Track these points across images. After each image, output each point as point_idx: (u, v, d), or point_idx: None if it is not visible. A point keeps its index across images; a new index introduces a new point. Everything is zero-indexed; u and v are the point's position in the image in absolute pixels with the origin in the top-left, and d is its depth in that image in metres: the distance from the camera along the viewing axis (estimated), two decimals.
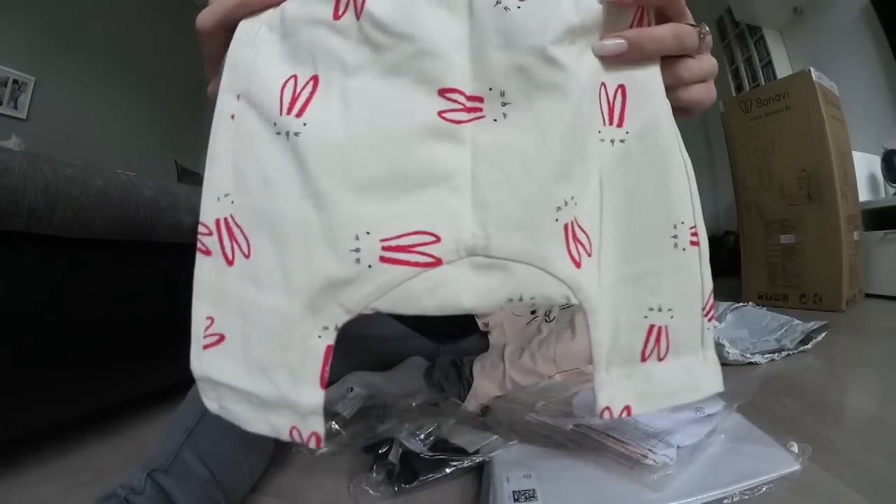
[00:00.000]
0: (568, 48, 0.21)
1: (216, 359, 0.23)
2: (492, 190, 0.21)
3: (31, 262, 0.50)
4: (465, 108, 0.21)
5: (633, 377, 0.24)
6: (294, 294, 0.21)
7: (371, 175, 0.20)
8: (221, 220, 0.23)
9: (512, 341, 0.72)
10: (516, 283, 0.21)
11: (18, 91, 2.10)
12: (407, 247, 0.20)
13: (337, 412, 0.61)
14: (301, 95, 0.21)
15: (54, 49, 2.26)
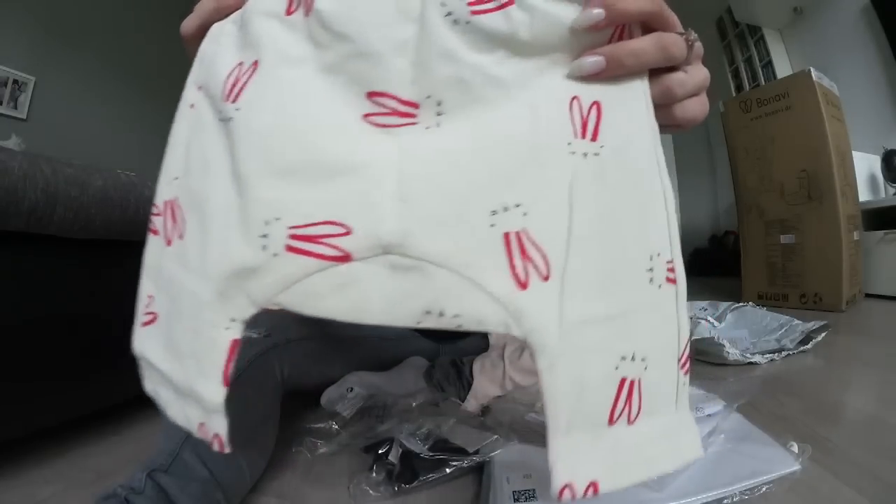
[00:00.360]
0: (518, 64, 0.20)
1: (149, 337, 0.23)
2: (416, 184, 0.19)
3: (31, 262, 0.50)
4: (398, 112, 0.20)
5: (600, 445, 0.19)
6: (208, 279, 0.20)
7: (289, 162, 0.20)
8: (169, 203, 0.23)
9: (512, 341, 0.72)
10: (435, 292, 0.19)
11: (18, 91, 2.10)
12: (315, 237, 0.19)
13: (337, 412, 0.61)
14: (240, 81, 0.21)
15: (54, 49, 2.26)
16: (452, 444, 0.49)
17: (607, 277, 0.20)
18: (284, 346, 0.56)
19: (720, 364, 0.85)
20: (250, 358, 0.51)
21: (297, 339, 0.59)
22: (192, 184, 0.22)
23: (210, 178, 0.21)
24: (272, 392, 0.52)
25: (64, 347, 0.56)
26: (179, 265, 0.22)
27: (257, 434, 0.46)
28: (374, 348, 0.72)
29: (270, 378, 0.53)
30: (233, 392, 0.50)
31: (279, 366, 0.54)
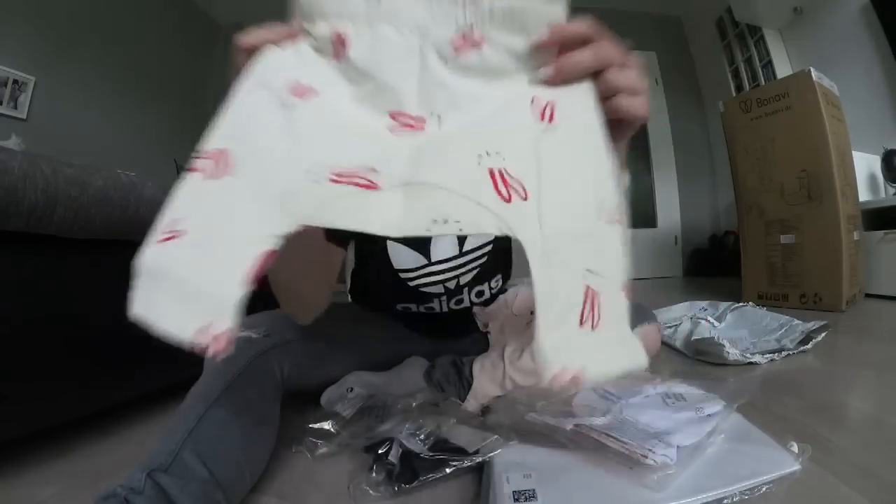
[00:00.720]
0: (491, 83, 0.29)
1: (173, 251, 0.27)
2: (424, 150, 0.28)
3: (31, 262, 0.50)
4: (410, 124, 0.29)
5: (577, 342, 0.25)
6: (258, 202, 0.27)
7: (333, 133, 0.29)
8: (220, 151, 0.29)
9: (512, 341, 0.72)
10: (440, 205, 0.26)
11: (18, 91, 2.10)
12: (352, 174, 0.27)
13: (337, 412, 0.61)
14: (305, 90, 0.30)
15: (54, 49, 2.26)
16: (452, 444, 0.49)
17: (571, 208, 0.27)
18: (284, 346, 0.56)
19: (720, 364, 0.85)
20: (250, 358, 0.51)
21: (297, 339, 0.59)
22: (250, 141, 0.29)
23: (270, 139, 0.28)
24: (272, 392, 0.52)
25: (64, 347, 0.56)
26: (226, 194, 0.27)
27: (257, 434, 0.46)
28: (374, 348, 0.72)
29: (270, 378, 0.53)
30: (233, 391, 0.50)
31: (279, 366, 0.54)
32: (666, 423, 0.45)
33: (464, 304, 0.76)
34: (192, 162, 0.29)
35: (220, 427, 0.43)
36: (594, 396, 0.54)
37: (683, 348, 0.98)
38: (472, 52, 0.29)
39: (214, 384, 0.46)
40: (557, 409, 0.52)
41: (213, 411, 0.43)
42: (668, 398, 0.51)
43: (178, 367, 0.76)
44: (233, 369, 0.48)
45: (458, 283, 0.72)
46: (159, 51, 2.89)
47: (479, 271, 0.72)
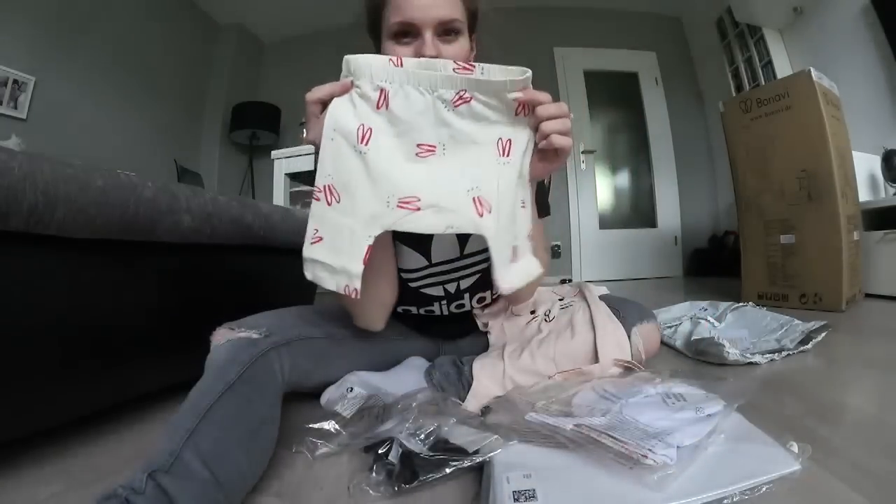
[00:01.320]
0: (477, 124, 0.49)
1: (317, 249, 0.49)
2: (439, 184, 0.48)
3: (31, 262, 0.50)
4: (427, 150, 0.49)
5: (510, 272, 0.49)
6: (358, 219, 0.47)
7: (391, 172, 0.48)
8: (327, 185, 0.48)
9: (512, 341, 0.72)
10: (450, 219, 0.47)
11: (18, 91, 2.10)
12: (407, 201, 0.47)
13: (337, 412, 0.61)
14: (365, 135, 0.47)
15: (54, 49, 2.26)
16: (452, 444, 0.49)
17: (507, 208, 0.48)
18: (285, 346, 0.56)
19: (720, 364, 0.85)
20: (251, 358, 0.51)
21: (298, 339, 0.59)
22: (344, 178, 0.48)
23: (354, 176, 0.48)
24: (273, 392, 0.52)
25: (64, 347, 0.56)
26: (338, 214, 0.48)
27: (258, 434, 0.46)
28: (374, 348, 0.72)
29: (271, 378, 0.53)
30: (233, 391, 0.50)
31: (280, 366, 0.55)
32: (666, 423, 0.45)
33: (465, 308, 0.76)
34: (314, 191, 0.49)
35: (221, 427, 0.43)
36: (594, 396, 0.54)
37: (683, 348, 0.98)
38: (465, 105, 0.47)
39: (215, 384, 0.46)
40: (557, 409, 0.52)
41: (213, 411, 0.43)
42: (668, 398, 0.51)
43: (178, 367, 0.76)
44: (234, 369, 0.48)
45: (459, 288, 0.72)
46: (159, 51, 2.89)
47: (480, 277, 0.72)
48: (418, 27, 0.54)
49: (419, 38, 0.55)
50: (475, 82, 0.46)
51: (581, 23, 3.33)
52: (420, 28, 0.54)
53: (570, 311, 0.74)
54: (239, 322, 0.57)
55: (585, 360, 0.66)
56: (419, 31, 0.55)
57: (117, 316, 0.63)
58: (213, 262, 0.80)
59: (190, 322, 0.73)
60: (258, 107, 3.25)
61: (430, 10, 0.54)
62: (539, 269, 0.51)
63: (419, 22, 0.54)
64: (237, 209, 0.79)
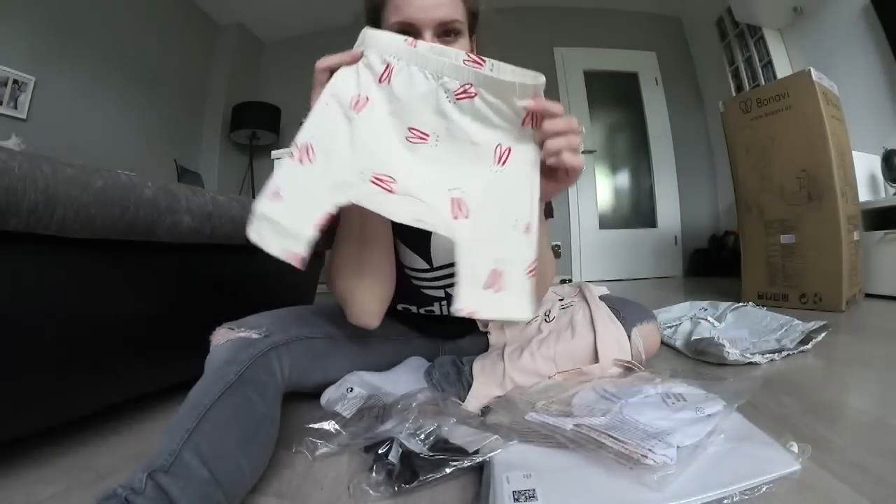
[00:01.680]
0: (476, 123, 0.46)
1: (273, 207, 0.44)
2: (420, 174, 0.45)
3: (31, 262, 0.50)
4: (419, 137, 0.46)
5: (480, 296, 0.43)
6: (328, 183, 0.44)
7: (376, 146, 0.45)
8: (305, 144, 0.45)
9: (512, 341, 0.72)
10: (420, 211, 0.43)
11: (18, 91, 2.10)
12: (382, 179, 0.44)
13: (337, 412, 0.61)
14: (359, 103, 0.46)
15: (54, 49, 2.26)
16: (452, 444, 0.49)
17: (494, 224, 0.44)
18: (285, 346, 0.56)
19: (720, 364, 0.85)
20: (251, 358, 0.51)
21: (298, 339, 0.59)
22: (324, 140, 0.45)
23: (338, 140, 0.45)
24: (273, 392, 0.52)
25: (64, 347, 0.56)
26: (307, 175, 0.44)
27: (258, 434, 0.46)
28: (374, 348, 0.72)
29: (271, 378, 0.53)
30: (233, 391, 0.50)
31: (279, 366, 0.54)
32: (666, 423, 0.45)
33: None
34: (291, 149, 0.45)
35: (221, 427, 0.43)
36: (594, 396, 0.54)
37: (683, 348, 0.98)
38: (468, 100, 0.45)
39: (215, 384, 0.46)
40: (557, 409, 0.52)
41: (213, 412, 0.43)
42: (668, 398, 0.51)
43: (177, 367, 0.76)
44: (233, 369, 0.48)
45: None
46: (159, 51, 2.89)
47: None
48: (418, 27, 0.54)
49: (419, 39, 0.55)
50: (483, 78, 0.43)
51: (581, 23, 3.33)
52: (420, 28, 0.54)
53: (571, 311, 0.74)
54: (239, 322, 0.57)
55: (586, 360, 0.66)
56: (419, 32, 0.54)
57: (117, 316, 0.63)
58: (213, 262, 0.80)
59: (190, 322, 0.73)
60: (258, 107, 3.25)
61: (430, 11, 0.53)
62: (521, 314, 0.43)
63: (419, 22, 0.54)
64: (237, 209, 0.79)
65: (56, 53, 2.26)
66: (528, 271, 0.43)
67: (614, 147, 3.35)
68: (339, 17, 3.24)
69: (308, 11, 3.32)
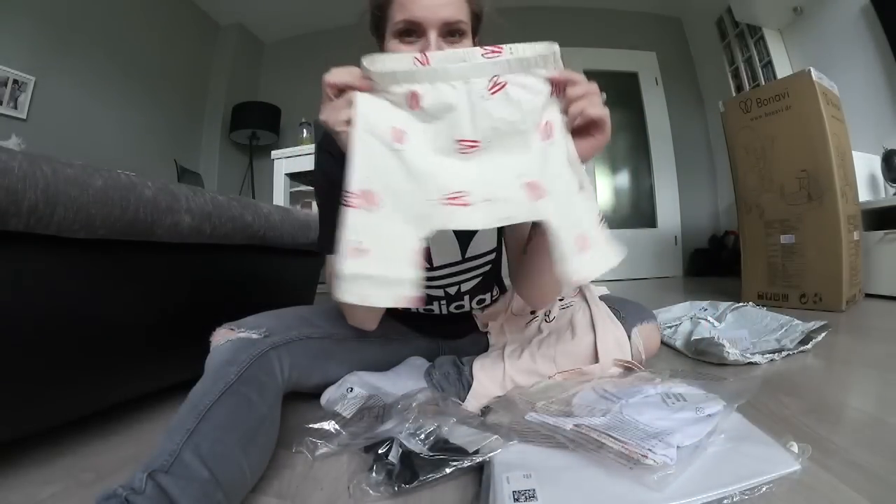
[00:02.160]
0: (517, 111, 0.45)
1: (362, 263, 0.42)
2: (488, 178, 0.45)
3: (31, 262, 0.50)
4: (471, 145, 0.45)
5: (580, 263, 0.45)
6: (406, 222, 0.44)
7: (433, 170, 0.45)
8: (362, 191, 0.43)
9: (512, 341, 0.72)
10: (503, 209, 0.45)
11: (18, 91, 2.10)
12: (454, 197, 0.44)
13: (337, 412, 0.61)
14: (400, 135, 0.44)
15: (54, 49, 2.26)
16: (452, 444, 0.49)
17: (563, 189, 0.46)
18: (285, 346, 0.56)
19: (720, 364, 0.85)
20: (251, 358, 0.51)
21: (298, 339, 0.59)
22: (381, 181, 0.44)
23: (393, 177, 0.44)
24: (273, 392, 0.52)
25: (64, 347, 0.56)
26: (381, 220, 0.43)
27: (258, 434, 0.46)
28: (374, 348, 0.72)
29: (271, 378, 0.53)
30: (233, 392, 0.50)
31: (280, 366, 0.55)
32: (666, 423, 0.45)
33: (464, 309, 0.76)
34: (346, 199, 0.43)
35: (221, 427, 0.43)
36: (594, 396, 0.54)
37: (683, 348, 0.98)
38: (501, 92, 0.44)
39: (215, 385, 0.46)
40: (557, 409, 0.52)
41: (213, 412, 0.43)
42: (668, 398, 0.51)
43: (178, 367, 0.76)
44: (233, 370, 0.48)
45: (460, 290, 0.72)
46: (159, 51, 2.89)
47: (481, 280, 0.72)
48: (424, 27, 0.54)
49: (423, 38, 0.54)
50: (506, 63, 0.43)
51: (581, 23, 3.33)
52: (425, 28, 0.54)
53: (571, 311, 0.74)
54: (239, 322, 0.57)
55: (586, 360, 0.66)
56: (424, 31, 0.54)
57: (117, 316, 0.63)
58: (213, 262, 0.80)
59: (190, 322, 0.73)
60: (258, 107, 3.25)
61: (436, 10, 0.53)
62: (612, 260, 0.47)
63: (425, 21, 0.53)
64: (237, 209, 0.79)
65: (56, 53, 2.26)
66: (600, 222, 0.48)
67: (614, 147, 3.35)
68: (339, 17, 3.24)
69: (308, 11, 3.32)
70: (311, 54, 3.54)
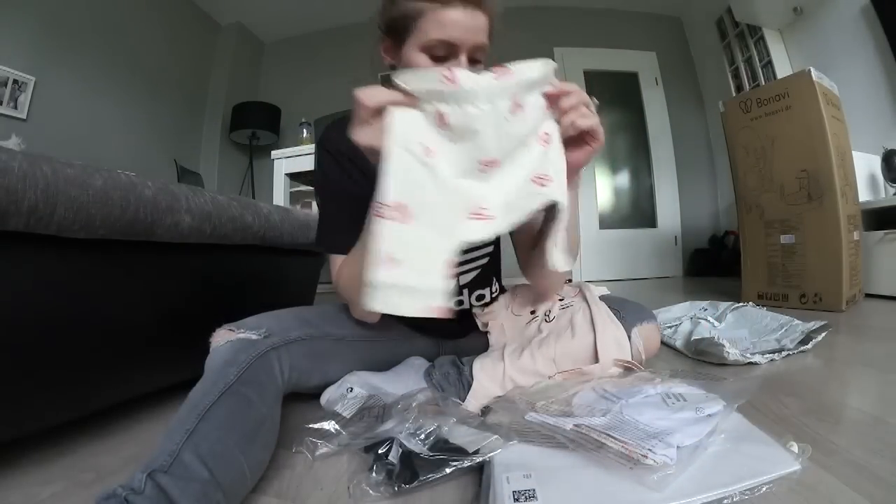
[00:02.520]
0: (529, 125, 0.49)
1: (395, 274, 0.44)
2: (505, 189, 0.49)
3: (31, 262, 0.50)
4: (491, 164, 0.49)
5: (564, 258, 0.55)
6: (440, 234, 0.46)
7: (460, 187, 0.48)
8: (396, 203, 0.44)
9: (512, 341, 0.72)
10: (523, 207, 0.50)
11: (18, 91, 2.10)
12: (478, 213, 0.48)
13: (337, 412, 0.61)
14: (431, 150, 0.46)
15: (54, 49, 2.26)
16: (452, 444, 0.49)
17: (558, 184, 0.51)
18: (285, 346, 0.56)
19: (720, 364, 0.85)
20: (251, 358, 0.51)
21: (298, 339, 0.59)
22: (414, 194, 0.45)
23: (425, 192, 0.46)
24: (273, 393, 0.52)
25: (64, 347, 0.56)
26: (414, 232, 0.45)
27: (258, 435, 0.46)
28: (374, 348, 0.72)
29: (271, 379, 0.53)
30: (233, 392, 0.50)
31: (279, 366, 0.55)
32: (666, 423, 0.45)
33: (464, 305, 0.76)
34: (379, 209, 0.44)
35: (221, 428, 0.43)
36: (594, 396, 0.54)
37: (683, 348, 0.98)
38: (519, 111, 0.47)
39: (215, 385, 0.46)
40: (557, 409, 0.52)
41: (213, 412, 0.43)
42: (668, 398, 0.51)
43: (177, 367, 0.76)
44: (233, 370, 0.48)
45: (458, 283, 0.72)
46: (160, 51, 2.89)
47: (479, 273, 0.72)
48: (458, 48, 0.55)
49: (453, 58, 0.56)
50: (518, 84, 0.46)
51: (581, 23, 3.33)
52: (459, 48, 0.55)
53: (570, 311, 0.74)
54: (239, 323, 0.57)
55: (586, 360, 0.66)
56: (456, 52, 0.55)
57: (117, 316, 0.63)
58: (212, 262, 0.80)
59: (189, 322, 0.73)
60: (258, 107, 3.25)
61: (473, 34, 0.55)
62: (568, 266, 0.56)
63: (461, 42, 0.55)
64: (237, 209, 0.79)
65: (56, 53, 2.26)
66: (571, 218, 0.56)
67: (614, 147, 3.35)
68: (339, 17, 3.24)
69: (308, 11, 3.32)
70: (311, 54, 3.54)
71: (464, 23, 0.54)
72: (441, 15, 0.54)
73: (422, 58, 0.56)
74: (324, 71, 3.44)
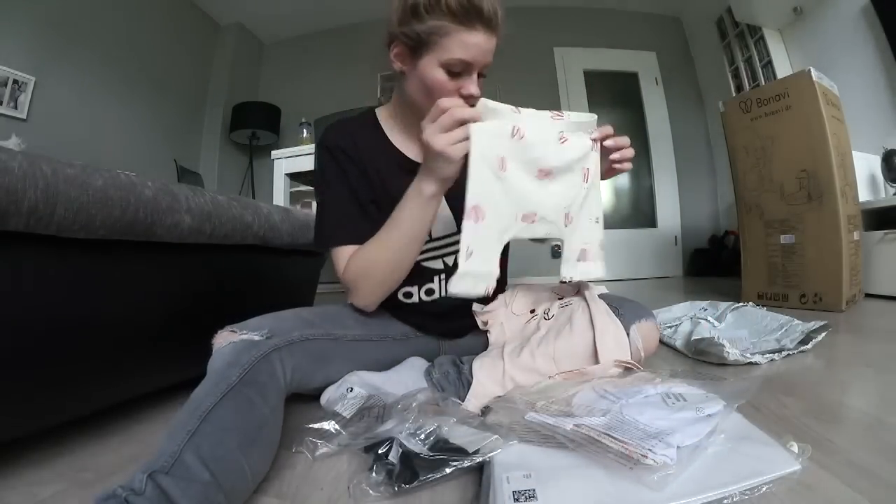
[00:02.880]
0: (571, 157, 0.61)
1: (470, 262, 0.56)
2: (548, 203, 0.62)
3: (31, 262, 0.50)
4: (546, 174, 0.60)
5: (575, 267, 0.65)
6: (496, 231, 0.58)
7: (521, 191, 0.59)
8: (475, 206, 0.55)
9: (511, 339, 0.72)
10: (550, 228, 0.62)
11: (18, 91, 2.10)
12: (528, 216, 0.61)
13: (337, 412, 0.61)
14: (503, 163, 0.57)
15: (54, 49, 2.26)
16: (452, 444, 0.49)
17: (585, 219, 0.66)
18: (287, 347, 0.56)
19: (720, 364, 0.85)
20: (253, 360, 0.51)
21: (299, 340, 0.59)
22: (486, 198, 0.56)
23: (494, 196, 0.57)
24: (275, 394, 0.52)
25: (64, 347, 0.56)
26: (484, 230, 0.56)
27: (259, 436, 0.46)
28: (374, 348, 0.72)
29: (273, 380, 0.53)
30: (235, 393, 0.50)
31: (282, 368, 0.54)
32: (666, 423, 0.45)
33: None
34: (465, 213, 0.55)
35: (223, 429, 0.43)
36: (594, 396, 0.54)
37: (683, 348, 0.98)
38: (566, 142, 0.60)
39: (217, 386, 0.46)
40: (557, 409, 0.52)
41: (215, 413, 0.43)
42: (668, 398, 0.51)
43: (178, 368, 0.76)
44: (236, 371, 0.48)
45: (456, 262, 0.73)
46: (159, 51, 2.89)
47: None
48: (473, 66, 0.62)
49: (466, 75, 0.63)
50: (568, 125, 0.60)
51: (581, 23, 3.33)
52: (473, 67, 0.63)
53: (570, 309, 0.74)
54: (241, 324, 0.57)
55: (585, 357, 0.66)
56: (471, 70, 0.63)
57: (117, 316, 0.63)
58: (213, 262, 0.80)
59: (189, 321, 0.73)
60: (258, 107, 3.25)
61: (487, 55, 0.63)
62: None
63: (477, 63, 0.62)
64: (237, 209, 0.79)
65: (56, 53, 2.26)
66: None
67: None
68: (338, 17, 3.24)
69: (308, 11, 3.32)
70: (311, 54, 3.54)
71: (483, 46, 0.61)
72: (466, 37, 0.60)
73: (439, 72, 0.62)
74: (324, 71, 3.44)
